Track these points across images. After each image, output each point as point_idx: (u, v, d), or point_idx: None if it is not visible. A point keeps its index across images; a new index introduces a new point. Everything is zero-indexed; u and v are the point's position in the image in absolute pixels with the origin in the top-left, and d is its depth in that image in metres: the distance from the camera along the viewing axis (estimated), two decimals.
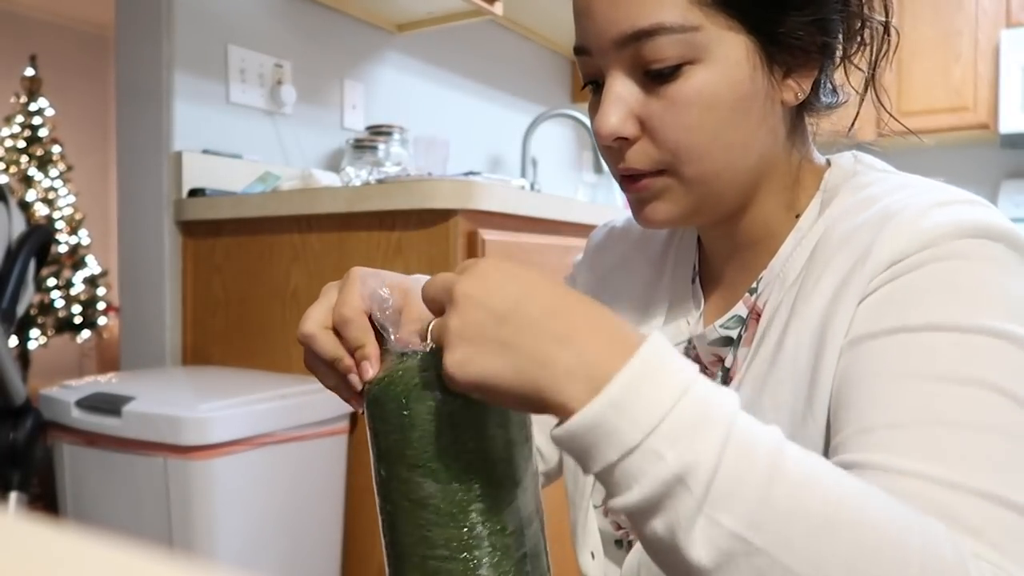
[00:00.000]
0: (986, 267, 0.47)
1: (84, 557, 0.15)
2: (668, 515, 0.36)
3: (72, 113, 5.39)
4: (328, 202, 1.37)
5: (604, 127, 0.54)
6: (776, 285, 0.57)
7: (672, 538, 0.37)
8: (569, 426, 0.38)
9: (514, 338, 0.40)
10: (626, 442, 0.37)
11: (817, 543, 0.35)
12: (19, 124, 4.73)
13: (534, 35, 2.72)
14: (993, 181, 3.36)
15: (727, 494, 0.36)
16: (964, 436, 0.42)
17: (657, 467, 0.36)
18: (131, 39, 1.66)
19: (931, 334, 0.45)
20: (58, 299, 4.65)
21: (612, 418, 0.37)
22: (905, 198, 0.51)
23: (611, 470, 0.37)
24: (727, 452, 0.36)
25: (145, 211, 1.65)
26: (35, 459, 1.24)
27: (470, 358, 0.40)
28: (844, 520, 0.36)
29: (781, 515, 0.35)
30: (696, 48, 0.51)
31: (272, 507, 1.21)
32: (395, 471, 0.45)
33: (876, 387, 0.45)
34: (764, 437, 0.38)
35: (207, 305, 1.59)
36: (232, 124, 1.74)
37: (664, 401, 0.37)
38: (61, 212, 4.76)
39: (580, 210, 1.52)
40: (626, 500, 0.37)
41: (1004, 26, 3.04)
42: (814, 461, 0.38)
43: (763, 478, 0.36)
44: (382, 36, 2.15)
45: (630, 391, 0.37)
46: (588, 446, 0.38)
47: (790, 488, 0.36)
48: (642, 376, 0.37)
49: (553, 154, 2.88)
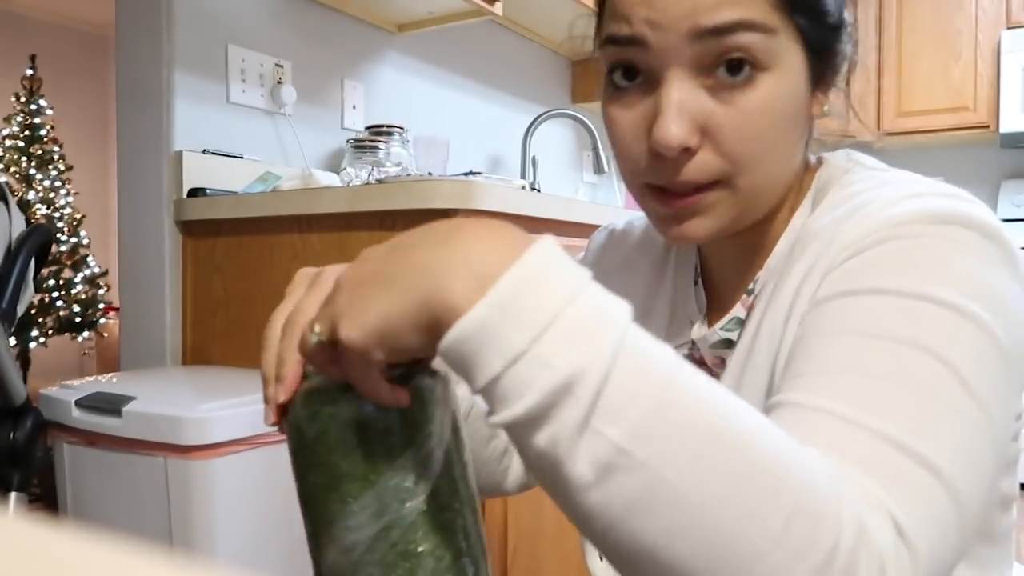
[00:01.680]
0: (949, 247, 0.46)
1: (84, 557, 0.15)
2: (552, 427, 0.34)
3: (72, 113, 5.40)
4: (328, 202, 1.37)
5: (669, 137, 0.49)
6: (770, 284, 0.57)
7: (555, 452, 0.34)
8: (453, 331, 0.34)
9: (398, 264, 0.37)
10: (512, 348, 0.34)
11: (699, 461, 0.34)
12: (19, 124, 4.73)
13: (534, 35, 2.72)
14: (993, 181, 3.36)
15: (616, 405, 0.34)
16: (884, 387, 0.41)
17: (544, 375, 0.33)
18: (131, 39, 1.66)
19: (875, 296, 0.45)
20: (58, 299, 4.65)
21: (498, 321, 0.34)
22: (881, 192, 0.51)
23: (496, 382, 0.34)
24: (619, 361, 0.34)
25: (145, 211, 1.65)
26: (35, 459, 1.24)
27: (360, 311, 0.37)
28: (730, 442, 0.35)
29: (668, 430, 0.34)
30: (769, 54, 0.50)
31: (272, 507, 1.21)
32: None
33: (813, 342, 0.46)
34: (659, 350, 0.36)
35: (207, 305, 1.59)
36: (232, 124, 1.74)
37: (554, 304, 0.34)
38: (61, 212, 4.77)
39: (580, 210, 1.52)
40: (512, 412, 0.34)
41: (1004, 26, 3.04)
42: (709, 382, 0.37)
43: (655, 390, 0.34)
44: (382, 36, 2.15)
45: (517, 293, 0.34)
46: (472, 354, 0.34)
47: (681, 403, 0.34)
48: (530, 278, 0.35)
49: (553, 154, 2.88)
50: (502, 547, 1.30)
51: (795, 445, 0.37)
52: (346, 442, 0.42)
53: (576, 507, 0.35)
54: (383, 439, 0.42)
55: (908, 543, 0.37)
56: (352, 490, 0.42)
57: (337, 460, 0.42)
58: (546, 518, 1.43)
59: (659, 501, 0.34)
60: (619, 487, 0.34)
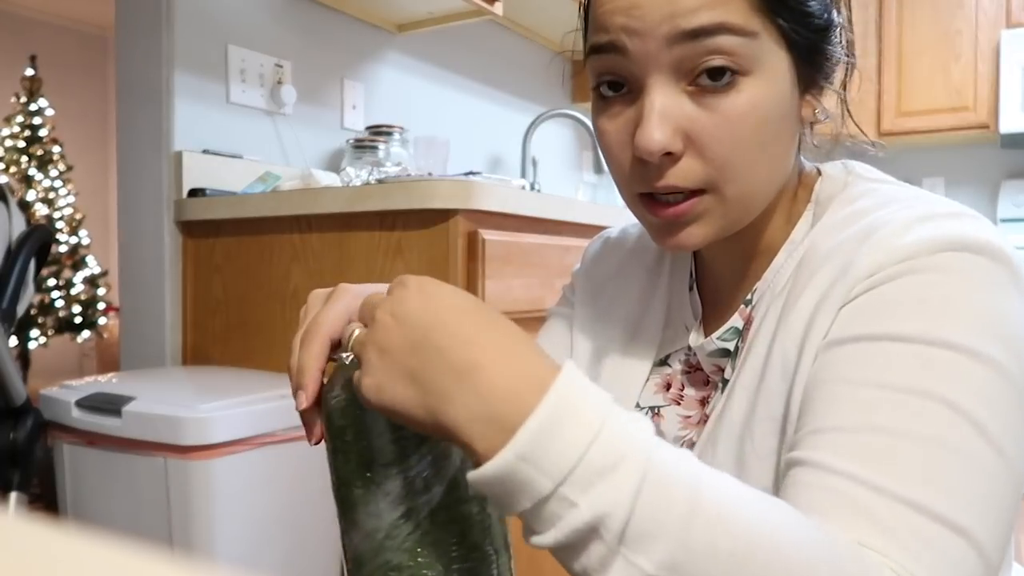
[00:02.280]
0: (961, 282, 0.45)
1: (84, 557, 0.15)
2: (583, 559, 0.36)
3: (72, 113, 5.40)
4: (328, 202, 1.37)
5: (651, 143, 0.49)
6: (767, 295, 0.57)
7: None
8: (479, 475, 0.37)
9: (421, 370, 0.39)
10: (538, 492, 0.36)
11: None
12: (19, 124, 4.73)
13: (534, 35, 2.72)
14: (993, 181, 3.36)
15: (644, 536, 0.35)
16: (901, 444, 0.41)
17: (571, 514, 0.36)
18: (131, 39, 1.66)
19: (891, 344, 0.45)
20: (58, 299, 4.66)
21: (522, 470, 0.36)
22: (890, 213, 0.50)
23: (525, 515, 0.37)
24: (643, 495, 0.36)
25: (145, 211, 1.65)
26: (35, 459, 1.24)
27: (382, 384, 0.40)
28: (758, 555, 0.36)
29: (698, 555, 0.35)
30: (750, 58, 0.49)
31: (272, 507, 1.21)
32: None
33: (831, 391, 0.46)
34: (682, 471, 0.37)
35: (207, 305, 1.59)
36: (232, 124, 1.74)
37: (575, 447, 0.36)
38: (61, 212, 4.77)
39: (580, 210, 1.52)
40: (542, 541, 0.37)
41: (1004, 26, 3.04)
42: (732, 492, 0.38)
43: (680, 518, 0.36)
44: (382, 36, 2.15)
45: (539, 441, 0.36)
46: (500, 495, 0.37)
47: (707, 526, 0.36)
48: (551, 422, 0.36)
49: (553, 154, 2.88)
50: None
51: (817, 535, 0.38)
52: (371, 429, 0.44)
53: None
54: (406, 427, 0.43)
55: None
56: (375, 476, 0.44)
57: (362, 447, 0.44)
58: None
59: None
60: None
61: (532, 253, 1.38)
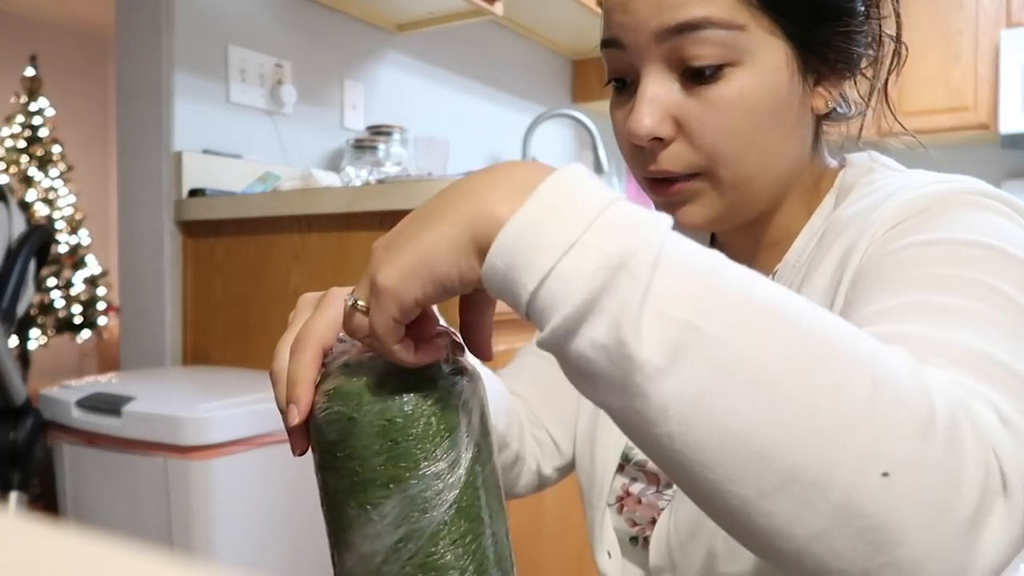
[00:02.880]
0: (984, 212, 0.48)
1: (84, 557, 0.15)
2: (612, 312, 0.32)
3: (72, 113, 5.40)
4: (328, 202, 1.37)
5: (639, 127, 0.52)
6: (793, 277, 0.58)
7: (619, 339, 0.32)
8: (499, 239, 0.34)
9: (433, 205, 0.37)
10: (562, 241, 0.33)
11: (769, 332, 0.33)
12: (19, 124, 4.74)
13: (534, 35, 2.72)
14: (993, 181, 3.33)
15: (673, 283, 0.33)
16: (954, 312, 0.41)
17: (596, 259, 0.33)
18: (131, 39, 1.66)
19: (927, 247, 0.46)
20: (58, 299, 4.66)
21: (544, 219, 0.34)
22: (907, 180, 0.53)
23: (547, 280, 0.33)
24: (667, 244, 0.33)
25: (145, 211, 1.65)
26: (35, 459, 1.24)
27: (398, 255, 0.36)
28: (794, 315, 0.33)
29: (731, 304, 0.33)
30: (739, 50, 0.51)
31: (272, 507, 1.21)
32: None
33: (866, 294, 0.46)
34: (699, 246, 0.35)
35: (207, 305, 1.59)
36: (232, 124, 1.74)
37: (597, 202, 0.34)
38: (61, 212, 4.77)
39: None
40: (569, 306, 0.33)
41: (1004, 26, 3.04)
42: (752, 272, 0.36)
43: (708, 270, 0.34)
44: (382, 36, 2.15)
45: (561, 193, 0.34)
46: (521, 255, 0.34)
47: (736, 281, 0.34)
48: (571, 183, 0.35)
49: (553, 154, 2.88)
50: None
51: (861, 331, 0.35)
52: (366, 447, 0.40)
53: (648, 403, 0.32)
54: (405, 445, 0.40)
55: (1014, 430, 0.34)
56: (371, 497, 0.40)
57: (356, 466, 0.41)
58: (546, 518, 1.43)
59: (736, 377, 0.32)
60: (693, 367, 0.32)
61: None
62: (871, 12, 0.57)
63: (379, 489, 0.40)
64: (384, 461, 0.40)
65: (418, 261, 0.36)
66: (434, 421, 0.41)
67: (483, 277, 0.35)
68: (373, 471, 0.40)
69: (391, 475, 0.40)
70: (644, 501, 0.64)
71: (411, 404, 0.40)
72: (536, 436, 0.71)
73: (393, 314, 0.37)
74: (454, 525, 0.40)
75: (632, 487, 0.65)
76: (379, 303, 0.37)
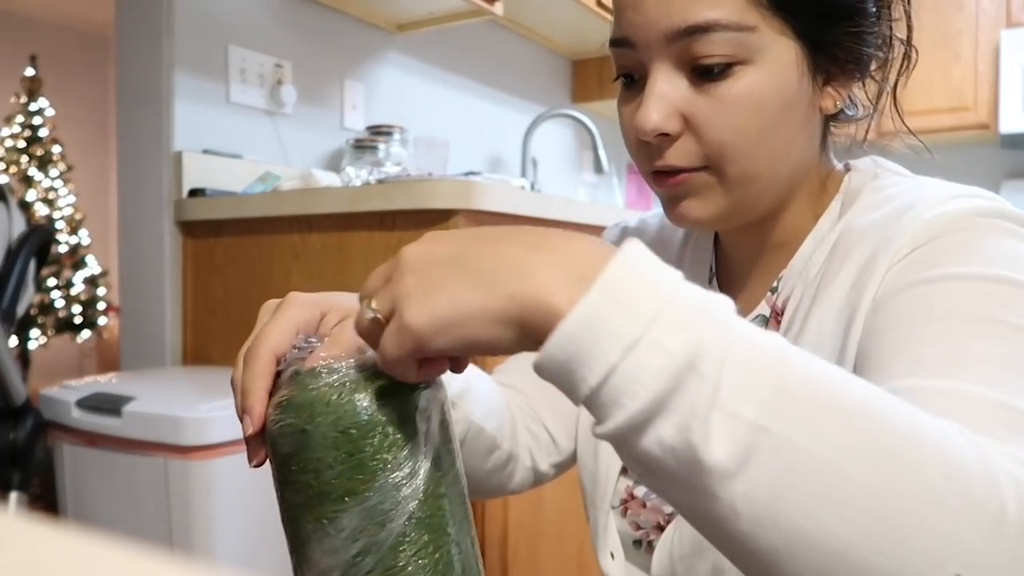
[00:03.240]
0: (1004, 237, 0.48)
1: (84, 557, 0.15)
2: (680, 412, 0.32)
3: (72, 113, 5.40)
4: (328, 202, 1.37)
5: (647, 122, 0.52)
6: (798, 282, 0.58)
7: (687, 441, 0.32)
8: (560, 331, 0.33)
9: (482, 254, 0.36)
10: (626, 336, 0.32)
11: (838, 429, 0.32)
12: (19, 124, 4.73)
13: (534, 35, 2.72)
14: (993, 181, 3.35)
15: (741, 382, 0.32)
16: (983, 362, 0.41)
17: (662, 358, 0.32)
18: (131, 39, 1.66)
19: (948, 283, 0.46)
20: (58, 299, 4.66)
21: (607, 313, 0.33)
22: (924, 191, 0.52)
23: (611, 376, 0.32)
24: (734, 339, 0.33)
25: (145, 211, 1.65)
26: (35, 459, 1.24)
27: (432, 298, 0.35)
28: (861, 408, 0.33)
29: (800, 402, 0.32)
30: (749, 49, 0.51)
31: (272, 507, 1.21)
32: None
33: (897, 334, 0.46)
34: (763, 332, 0.34)
35: (207, 305, 1.59)
36: (232, 124, 1.74)
37: (660, 292, 0.33)
38: (61, 212, 4.77)
39: (580, 210, 1.52)
40: (629, 409, 0.32)
41: (1004, 26, 3.04)
42: (813, 356, 0.35)
43: (774, 363, 0.33)
44: (382, 36, 2.15)
45: (622, 285, 0.33)
46: (582, 351, 0.33)
47: (804, 375, 0.33)
48: (631, 270, 0.34)
49: (553, 154, 2.88)
50: (502, 547, 1.30)
51: (920, 411, 0.35)
52: (320, 460, 0.39)
53: (717, 504, 0.32)
54: (360, 456, 0.39)
55: None
56: (327, 511, 0.39)
57: (311, 479, 0.39)
58: (546, 518, 1.43)
59: (808, 478, 0.31)
60: (764, 468, 0.31)
61: None
62: (882, 14, 0.56)
63: (335, 503, 0.39)
64: (339, 474, 0.39)
65: (453, 317, 0.35)
66: (391, 431, 0.39)
67: (537, 364, 0.35)
68: (328, 484, 0.39)
69: (347, 488, 0.39)
70: (649, 505, 0.63)
71: (366, 414, 0.39)
72: (532, 431, 0.70)
73: (410, 350, 0.36)
74: (414, 537, 0.39)
75: (636, 490, 0.65)
76: (399, 334, 0.36)
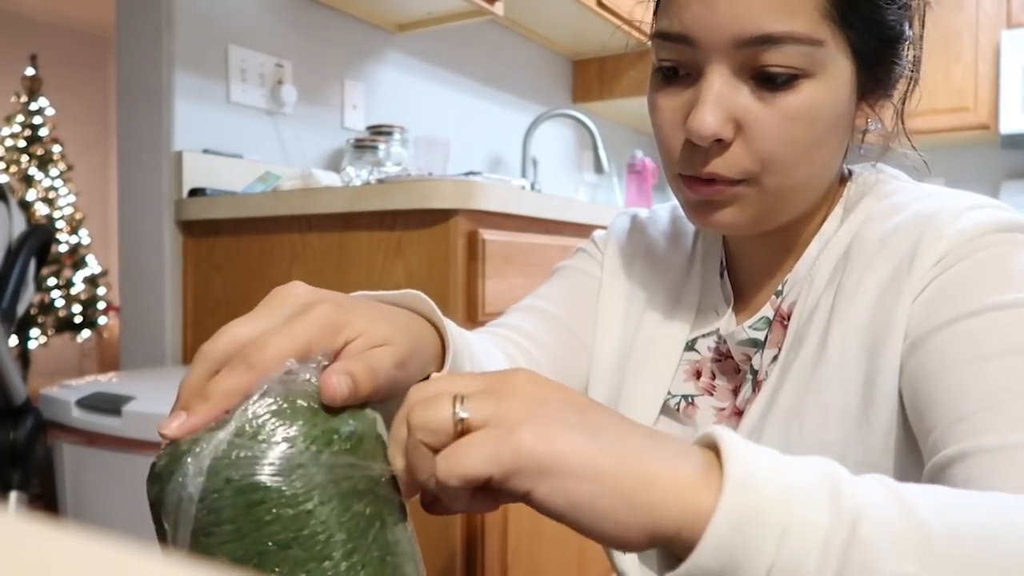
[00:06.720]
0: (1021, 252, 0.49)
1: (84, 557, 0.15)
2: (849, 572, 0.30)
3: (72, 113, 5.40)
4: (328, 202, 1.37)
5: (703, 127, 0.51)
6: (804, 288, 0.58)
7: None
8: (711, 531, 0.30)
9: (602, 426, 0.33)
10: (777, 522, 0.30)
11: (983, 559, 0.31)
12: (19, 124, 4.74)
13: (535, 35, 2.72)
14: (993, 181, 3.35)
15: (887, 541, 0.31)
16: None
17: (818, 534, 0.30)
18: (131, 39, 1.66)
19: (992, 314, 0.46)
20: (58, 299, 4.66)
21: (752, 501, 0.30)
22: (937, 203, 0.53)
23: (771, 571, 0.30)
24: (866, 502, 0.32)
25: (145, 211, 1.65)
26: (35, 459, 1.24)
27: (554, 432, 0.32)
28: (985, 528, 0.32)
29: (941, 540, 0.31)
30: (815, 63, 0.50)
31: None
32: None
33: (955, 376, 0.46)
34: (870, 479, 0.33)
35: (207, 305, 1.59)
36: (232, 124, 1.74)
37: (799, 473, 0.32)
38: (61, 212, 4.77)
39: (581, 210, 1.52)
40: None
41: (1004, 26, 3.04)
42: (923, 487, 0.34)
43: (904, 514, 0.32)
44: (382, 36, 2.15)
45: (756, 472, 0.31)
46: (738, 548, 0.30)
47: (931, 512, 0.32)
48: (755, 458, 0.32)
49: (553, 154, 2.88)
50: (502, 547, 1.30)
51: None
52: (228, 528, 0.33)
53: None
54: (274, 519, 0.33)
55: None
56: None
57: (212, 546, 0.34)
58: (546, 518, 1.43)
59: None
60: None
61: (532, 253, 1.38)
62: (914, 37, 0.57)
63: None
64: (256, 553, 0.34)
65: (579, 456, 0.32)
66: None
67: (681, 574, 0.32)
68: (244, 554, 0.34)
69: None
70: None
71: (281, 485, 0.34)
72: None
73: (501, 469, 0.33)
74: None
75: None
76: (498, 445, 0.33)
